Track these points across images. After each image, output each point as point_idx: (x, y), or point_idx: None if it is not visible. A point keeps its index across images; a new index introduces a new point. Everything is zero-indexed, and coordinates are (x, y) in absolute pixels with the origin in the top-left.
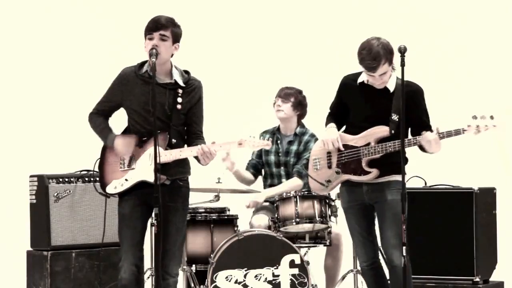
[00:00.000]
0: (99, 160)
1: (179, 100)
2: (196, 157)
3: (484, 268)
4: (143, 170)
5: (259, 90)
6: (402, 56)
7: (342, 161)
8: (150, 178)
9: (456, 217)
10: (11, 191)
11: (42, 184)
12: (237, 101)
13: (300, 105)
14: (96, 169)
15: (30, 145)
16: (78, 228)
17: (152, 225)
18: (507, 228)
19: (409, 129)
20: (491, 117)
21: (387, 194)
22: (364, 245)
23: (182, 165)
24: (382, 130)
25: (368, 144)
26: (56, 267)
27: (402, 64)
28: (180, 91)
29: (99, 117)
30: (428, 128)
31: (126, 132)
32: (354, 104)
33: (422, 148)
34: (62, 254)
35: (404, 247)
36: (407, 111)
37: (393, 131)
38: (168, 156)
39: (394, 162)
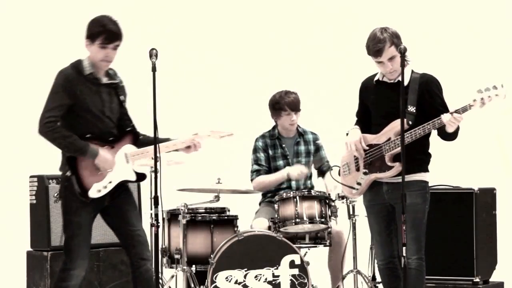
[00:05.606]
0: (68, 165)
1: (121, 98)
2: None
3: (484, 268)
4: (122, 170)
5: (256, 89)
6: (402, 57)
7: (368, 161)
8: (131, 176)
9: (456, 217)
10: (11, 191)
11: (42, 184)
12: (233, 99)
13: None
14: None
15: (30, 145)
16: None
17: (152, 225)
18: (507, 228)
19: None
20: (494, 87)
21: (407, 196)
22: (381, 244)
23: None
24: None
25: (389, 139)
26: (56, 267)
27: (402, 65)
28: (118, 89)
29: (61, 126)
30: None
31: None
32: (372, 103)
33: (442, 134)
34: (62, 254)
35: (404, 247)
36: (422, 102)
37: (410, 122)
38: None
39: (416, 159)
